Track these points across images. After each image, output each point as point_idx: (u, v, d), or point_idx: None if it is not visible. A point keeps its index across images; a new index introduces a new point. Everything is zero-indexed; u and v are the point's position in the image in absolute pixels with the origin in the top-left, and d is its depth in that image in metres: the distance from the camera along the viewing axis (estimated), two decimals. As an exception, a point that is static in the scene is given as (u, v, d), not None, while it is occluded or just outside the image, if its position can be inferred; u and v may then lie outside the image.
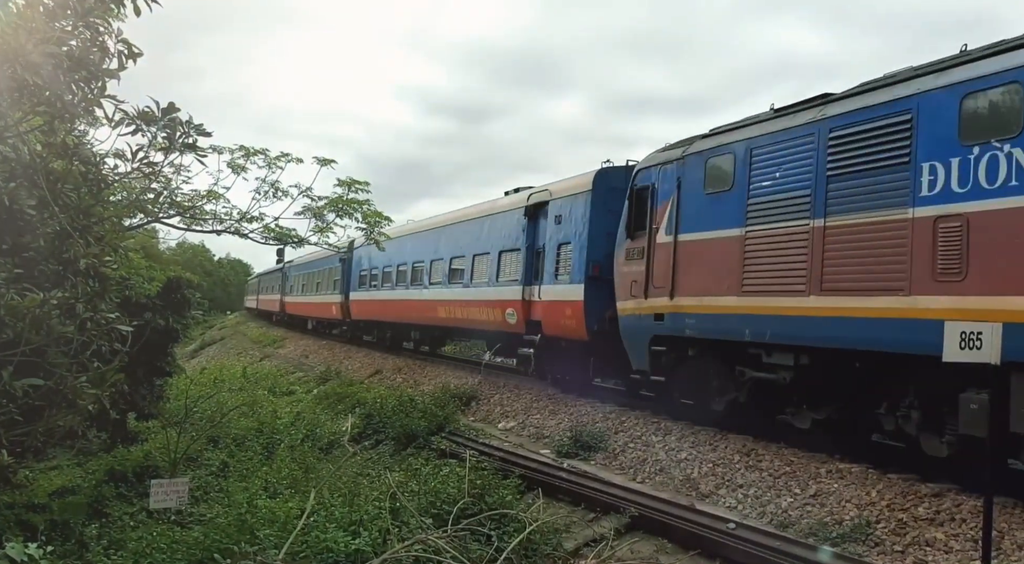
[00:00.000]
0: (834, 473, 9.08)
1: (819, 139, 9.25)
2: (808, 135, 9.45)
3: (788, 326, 9.45)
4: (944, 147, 7.71)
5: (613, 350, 13.54)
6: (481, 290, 18.83)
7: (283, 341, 40.04)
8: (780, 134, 9.88)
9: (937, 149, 7.78)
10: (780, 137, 9.87)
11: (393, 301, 25.64)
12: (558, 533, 7.95)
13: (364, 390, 18.41)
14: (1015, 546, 6.69)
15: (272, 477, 10.04)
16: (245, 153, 11.05)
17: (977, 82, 7.56)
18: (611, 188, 14.30)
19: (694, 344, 11.39)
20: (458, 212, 22.42)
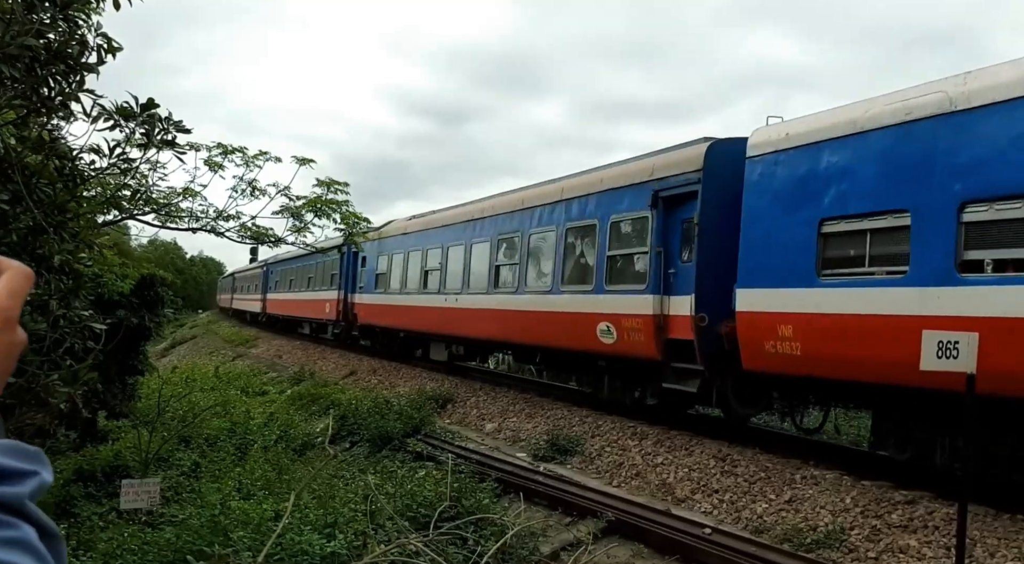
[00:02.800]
0: (809, 479, 9.15)
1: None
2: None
3: None
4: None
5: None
6: (573, 299, 14.02)
7: (256, 341, 39.66)
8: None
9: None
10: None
11: (429, 309, 19.93)
12: (535, 537, 7.93)
13: (339, 391, 18.27)
14: (987, 554, 6.77)
15: (245, 478, 9.91)
16: (223, 151, 10.90)
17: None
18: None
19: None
20: (528, 192, 16.77)
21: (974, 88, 7.61)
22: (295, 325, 37.38)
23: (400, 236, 22.94)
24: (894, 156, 8.26)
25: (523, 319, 15.42)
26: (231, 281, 61.37)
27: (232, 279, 61.08)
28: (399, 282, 22.52)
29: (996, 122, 7.31)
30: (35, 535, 0.69)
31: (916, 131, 8.05)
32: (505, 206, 17.11)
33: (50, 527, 0.72)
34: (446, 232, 19.79)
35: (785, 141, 9.67)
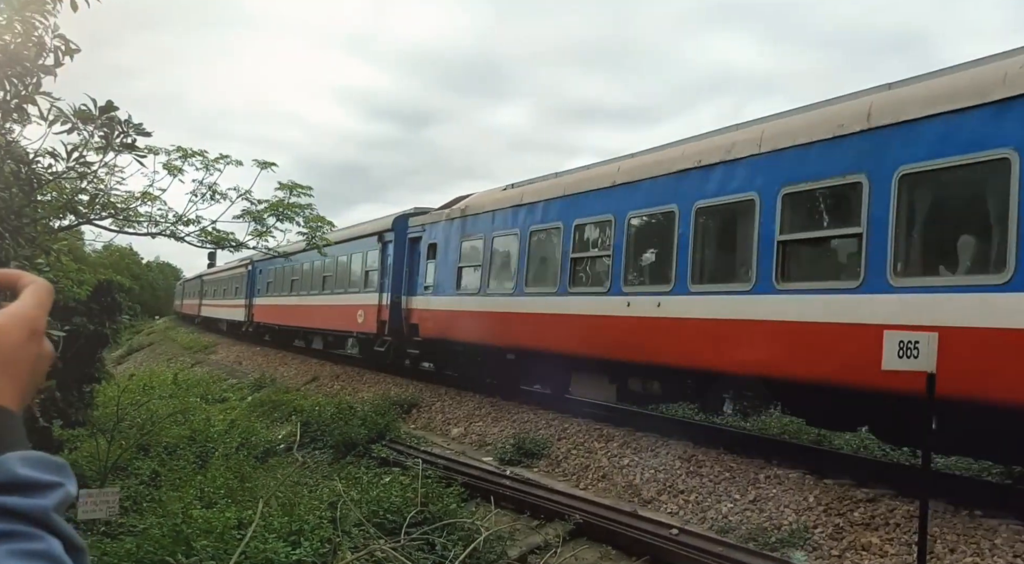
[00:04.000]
0: (773, 478, 9.26)
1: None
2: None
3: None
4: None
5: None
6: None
7: (215, 347, 39.08)
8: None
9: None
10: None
11: (577, 318, 12.98)
12: (503, 541, 7.91)
13: (301, 397, 18.07)
14: (947, 549, 6.91)
15: (207, 486, 9.76)
16: (182, 155, 10.75)
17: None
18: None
19: None
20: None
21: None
22: (296, 337, 30.90)
23: (509, 209, 15.48)
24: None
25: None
26: (198, 284, 54.14)
27: (200, 282, 53.46)
28: (512, 277, 15.08)
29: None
30: (60, 548, 0.69)
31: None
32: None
33: (76, 540, 0.71)
34: (630, 192, 12.12)
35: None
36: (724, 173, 10.27)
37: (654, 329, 11.18)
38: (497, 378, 16.65)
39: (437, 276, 17.85)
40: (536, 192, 14.87)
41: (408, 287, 19.28)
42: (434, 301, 17.88)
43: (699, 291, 10.59)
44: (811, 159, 8.97)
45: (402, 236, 20.04)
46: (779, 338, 9.08)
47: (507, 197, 15.84)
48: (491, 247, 15.96)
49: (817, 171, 8.88)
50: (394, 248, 20.16)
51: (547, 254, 14.40)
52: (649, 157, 12.31)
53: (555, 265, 13.80)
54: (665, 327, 10.99)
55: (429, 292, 18.15)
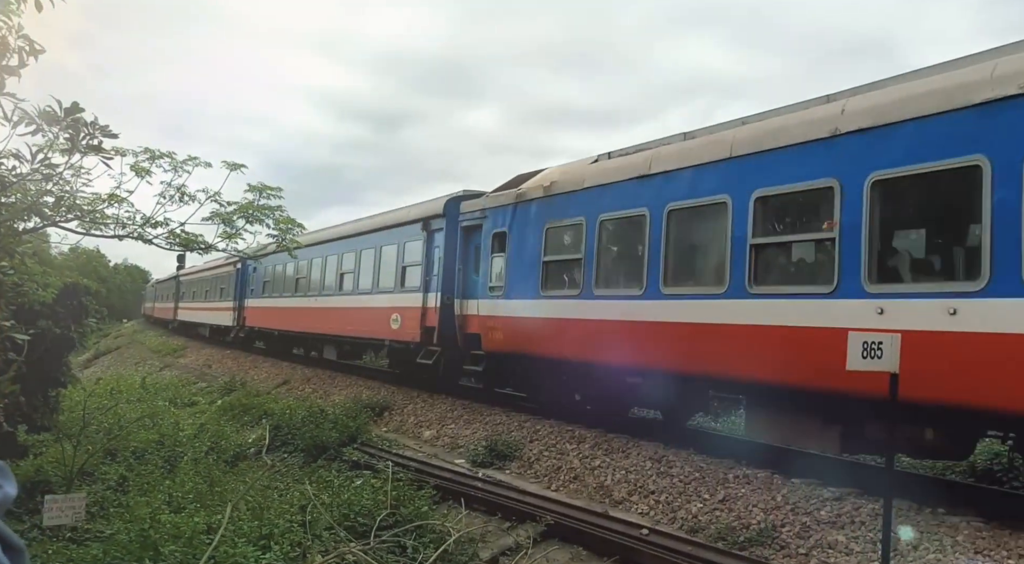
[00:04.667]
0: (741, 478, 9.37)
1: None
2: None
3: None
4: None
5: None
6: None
7: (184, 350, 38.66)
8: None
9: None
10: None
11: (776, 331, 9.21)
12: (474, 543, 7.93)
13: (271, 401, 17.95)
14: (910, 546, 7.03)
15: (176, 491, 9.67)
16: (150, 156, 10.64)
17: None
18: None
19: None
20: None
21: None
22: (297, 345, 27.54)
23: (630, 183, 11.45)
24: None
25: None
26: (173, 286, 50.09)
27: (176, 283, 49.25)
28: (639, 274, 11.13)
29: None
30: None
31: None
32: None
33: (13, 540, 0.71)
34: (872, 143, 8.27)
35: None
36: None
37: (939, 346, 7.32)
38: (612, 407, 12.86)
39: (509, 274, 14.01)
40: (678, 156, 10.71)
41: (463, 288, 15.74)
42: (505, 306, 14.05)
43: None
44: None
45: (454, 224, 16.24)
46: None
47: (624, 167, 11.70)
48: (598, 234, 11.96)
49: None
50: (445, 239, 16.44)
51: (701, 241, 10.85)
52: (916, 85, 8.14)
53: (718, 256, 10.04)
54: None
55: (496, 294, 14.35)
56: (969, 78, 7.51)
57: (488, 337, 14.57)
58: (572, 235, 12.80)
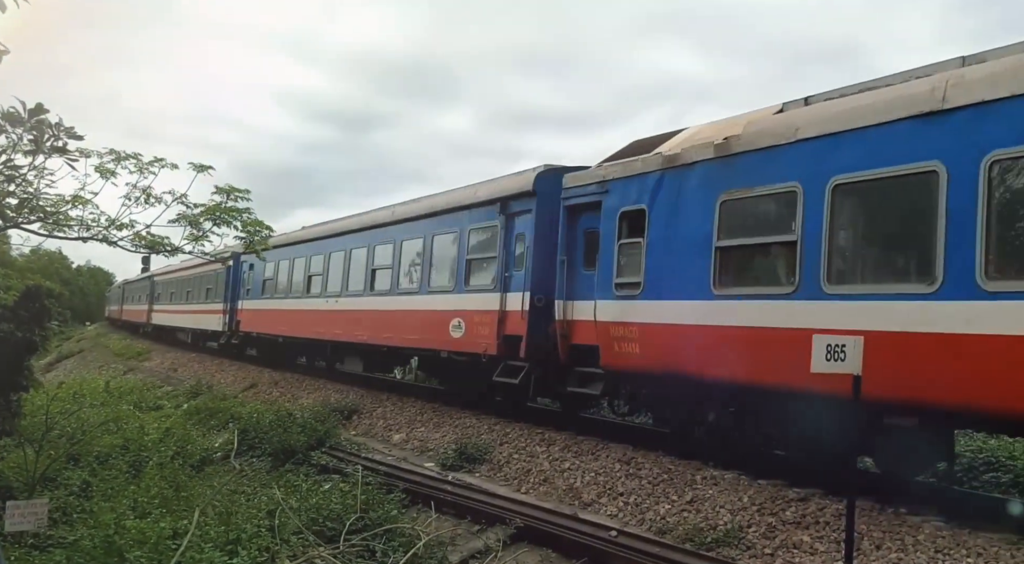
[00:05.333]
0: (709, 480, 9.47)
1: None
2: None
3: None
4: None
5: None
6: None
7: (148, 353, 38.15)
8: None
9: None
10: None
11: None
12: (444, 546, 7.92)
13: (239, 404, 17.77)
14: (873, 546, 7.16)
15: (141, 496, 9.54)
16: (116, 157, 10.50)
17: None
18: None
19: None
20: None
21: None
22: (306, 353, 24.00)
23: (899, 125, 7.83)
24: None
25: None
26: (147, 286, 45.79)
27: (150, 284, 45.08)
28: (915, 262, 7.88)
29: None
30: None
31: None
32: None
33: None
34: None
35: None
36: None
37: None
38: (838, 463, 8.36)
39: (651, 266, 10.60)
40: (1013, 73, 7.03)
41: (568, 286, 12.19)
42: (644, 309, 10.63)
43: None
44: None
45: (551, 203, 12.68)
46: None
47: (886, 102, 8.02)
48: (829, 205, 8.33)
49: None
50: (535, 223, 13.01)
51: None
52: None
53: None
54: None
55: (628, 294, 10.84)
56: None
57: (614, 351, 10.90)
58: (775, 208, 9.18)
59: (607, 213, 11.42)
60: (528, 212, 13.31)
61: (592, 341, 11.54)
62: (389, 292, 17.42)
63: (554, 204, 12.71)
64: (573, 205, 12.35)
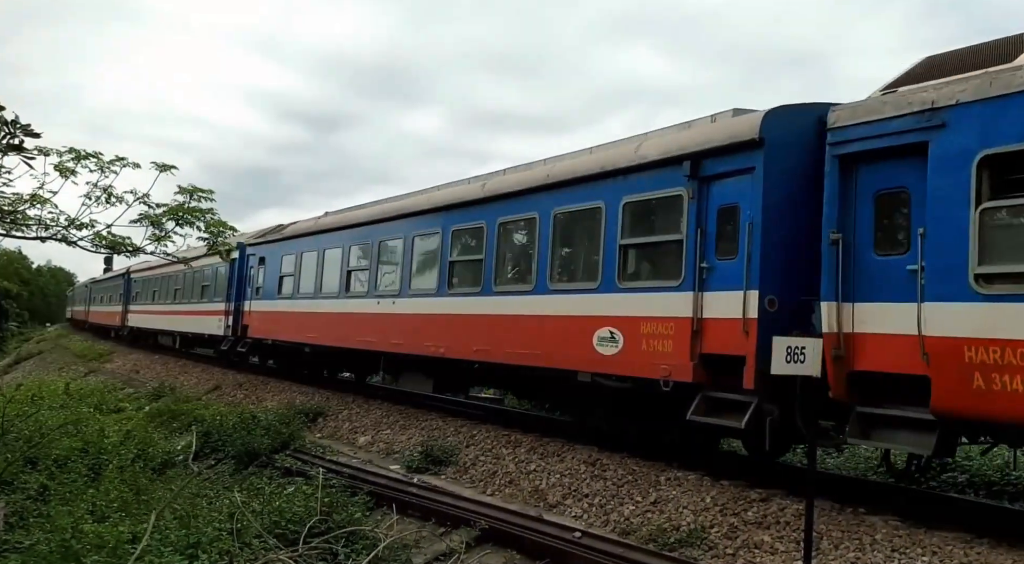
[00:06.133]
0: (673, 481, 9.54)
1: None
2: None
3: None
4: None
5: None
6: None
7: (110, 355, 37.57)
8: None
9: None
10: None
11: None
12: (408, 549, 7.90)
13: (202, 407, 17.56)
14: (832, 545, 7.27)
15: (100, 500, 9.40)
16: (76, 156, 10.35)
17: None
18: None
19: None
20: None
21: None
22: (346, 363, 20.54)
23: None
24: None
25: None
26: (122, 284, 40.93)
27: (125, 282, 40.13)
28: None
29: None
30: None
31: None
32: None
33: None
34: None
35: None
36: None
37: None
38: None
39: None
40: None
41: (845, 279, 8.11)
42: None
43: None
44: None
45: (792, 156, 9.04)
46: None
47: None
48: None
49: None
50: (763, 186, 8.96)
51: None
52: None
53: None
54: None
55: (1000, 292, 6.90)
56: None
57: (973, 387, 6.89)
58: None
59: (944, 160, 7.33)
60: (747, 172, 9.15)
61: (908, 368, 7.44)
62: (480, 291, 13.15)
63: (798, 157, 8.98)
64: (853, 154, 8.21)
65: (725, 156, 9.38)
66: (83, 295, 59.68)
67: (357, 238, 17.49)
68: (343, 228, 18.18)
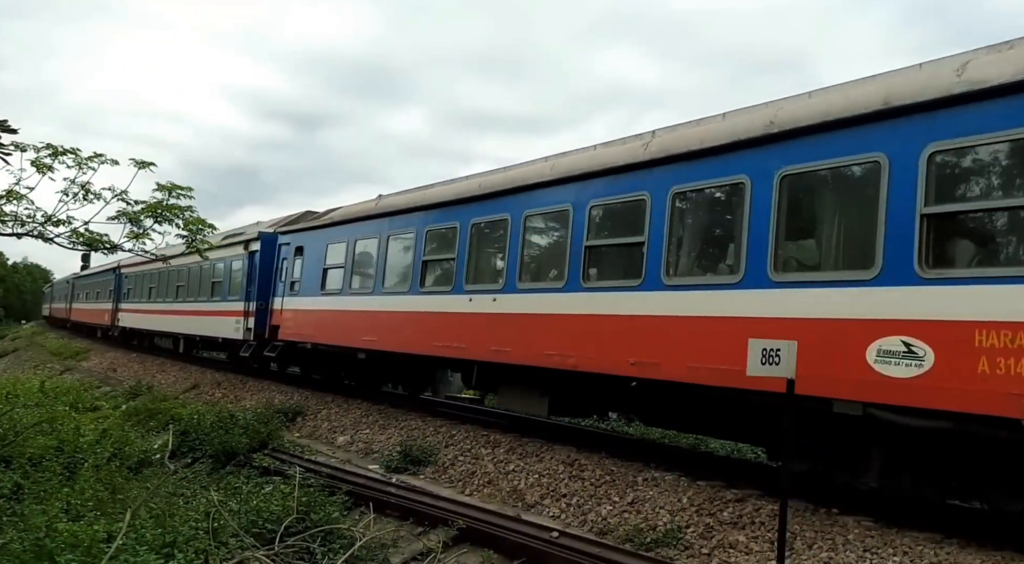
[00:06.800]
0: (650, 481, 9.60)
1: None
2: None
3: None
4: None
5: None
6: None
7: (87, 353, 37.21)
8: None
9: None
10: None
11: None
12: (385, 548, 7.91)
13: (179, 405, 17.45)
14: (806, 545, 7.35)
15: (75, 499, 9.33)
16: (53, 152, 10.27)
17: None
18: None
19: None
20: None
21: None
22: (423, 371, 17.01)
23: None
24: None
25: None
26: (112, 280, 37.86)
27: (115, 279, 37.03)
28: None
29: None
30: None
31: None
32: None
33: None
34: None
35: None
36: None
37: None
38: None
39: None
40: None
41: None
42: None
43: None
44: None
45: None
46: None
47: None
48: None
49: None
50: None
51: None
52: None
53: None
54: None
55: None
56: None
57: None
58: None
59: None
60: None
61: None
62: (641, 284, 9.69)
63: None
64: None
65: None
66: (64, 292, 56.35)
67: (439, 220, 14.09)
68: (417, 210, 14.80)
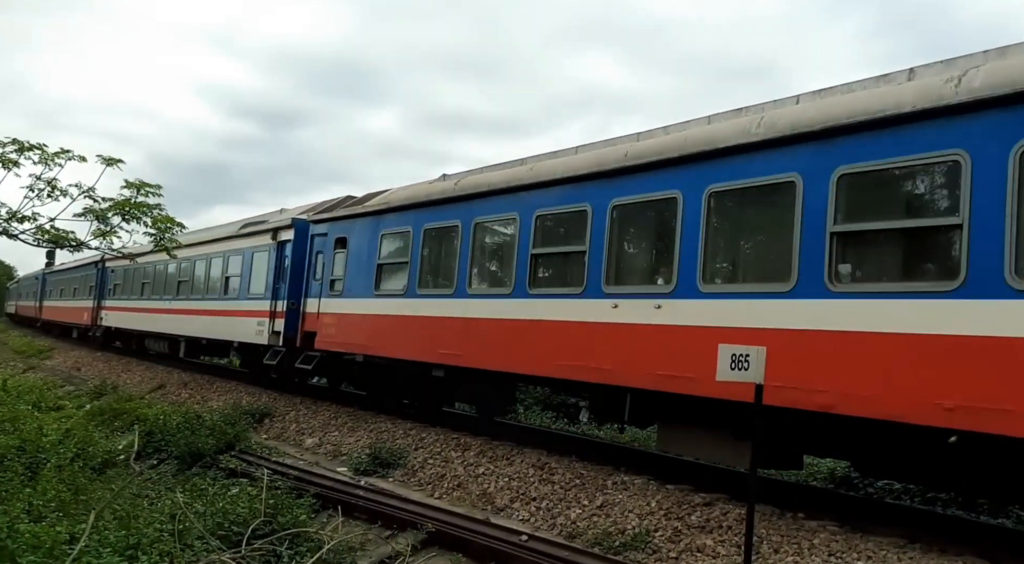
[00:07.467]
0: (619, 485, 9.65)
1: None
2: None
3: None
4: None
5: None
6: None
7: (51, 352, 36.60)
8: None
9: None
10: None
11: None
12: (353, 551, 7.86)
13: (145, 406, 17.21)
14: (772, 549, 7.42)
15: (37, 499, 9.17)
16: (18, 148, 10.12)
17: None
18: None
19: None
20: None
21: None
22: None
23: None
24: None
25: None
26: (93, 276, 34.07)
27: (98, 274, 33.35)
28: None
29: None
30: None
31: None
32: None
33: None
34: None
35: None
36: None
37: None
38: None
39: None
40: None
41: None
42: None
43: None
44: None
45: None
46: None
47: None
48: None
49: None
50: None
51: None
52: None
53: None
54: None
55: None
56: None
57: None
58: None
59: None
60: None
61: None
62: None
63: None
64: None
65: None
66: (32, 288, 52.07)
67: (558, 201, 10.77)
68: (520, 189, 11.38)
